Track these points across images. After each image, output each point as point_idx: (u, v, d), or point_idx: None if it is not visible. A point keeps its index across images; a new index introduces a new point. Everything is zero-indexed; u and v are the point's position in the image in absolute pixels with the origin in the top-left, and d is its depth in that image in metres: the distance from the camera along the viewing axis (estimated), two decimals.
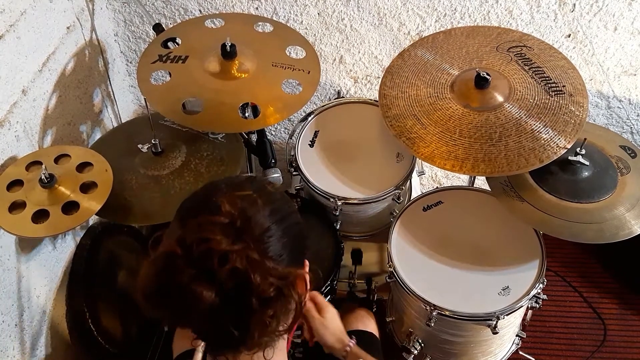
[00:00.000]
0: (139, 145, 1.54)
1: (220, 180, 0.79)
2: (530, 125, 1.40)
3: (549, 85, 1.47)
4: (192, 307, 0.65)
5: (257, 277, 0.65)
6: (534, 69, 1.51)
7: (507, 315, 1.38)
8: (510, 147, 1.38)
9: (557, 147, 1.36)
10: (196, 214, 0.71)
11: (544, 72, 1.50)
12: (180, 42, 1.57)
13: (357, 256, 1.73)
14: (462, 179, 2.20)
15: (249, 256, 0.66)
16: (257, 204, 0.73)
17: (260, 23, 1.68)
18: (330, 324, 1.17)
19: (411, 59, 1.60)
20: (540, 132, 1.39)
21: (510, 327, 1.54)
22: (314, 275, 0.82)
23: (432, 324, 1.42)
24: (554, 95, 1.45)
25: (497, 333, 1.40)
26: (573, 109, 1.42)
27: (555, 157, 1.35)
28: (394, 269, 1.48)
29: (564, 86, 1.46)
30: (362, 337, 1.43)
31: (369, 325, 1.49)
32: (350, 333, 1.43)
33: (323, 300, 1.20)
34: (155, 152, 1.51)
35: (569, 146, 1.36)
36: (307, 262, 0.81)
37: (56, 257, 1.57)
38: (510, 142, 1.39)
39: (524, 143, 1.38)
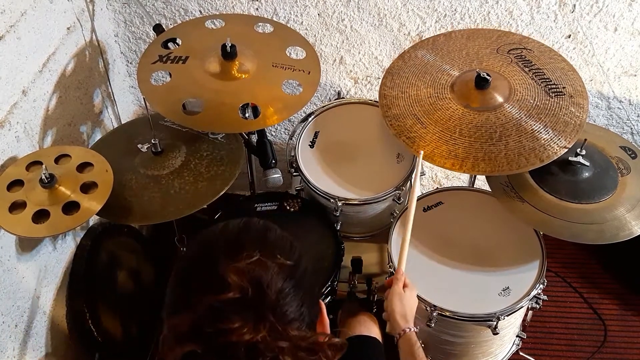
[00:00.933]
0: (138, 145, 1.54)
1: (213, 234, 0.71)
2: (531, 125, 1.40)
3: (549, 86, 1.47)
4: None
5: (289, 358, 0.63)
6: (534, 71, 1.51)
7: (507, 315, 1.38)
8: (510, 147, 1.38)
9: (557, 147, 1.36)
10: (201, 292, 0.64)
11: (544, 74, 1.50)
12: (180, 43, 1.57)
13: (356, 265, 1.72)
14: (462, 180, 2.20)
15: (276, 339, 0.62)
16: (265, 264, 0.67)
17: (260, 24, 1.68)
18: (406, 299, 1.21)
19: (411, 60, 1.60)
20: (541, 133, 1.39)
21: (510, 328, 1.54)
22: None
23: (433, 325, 1.42)
24: (554, 96, 1.45)
25: (497, 334, 1.40)
26: (573, 110, 1.42)
27: (555, 157, 1.35)
28: (394, 269, 1.48)
29: (564, 87, 1.46)
30: (365, 342, 1.43)
31: (373, 330, 1.48)
32: (354, 338, 1.43)
33: (409, 282, 1.26)
34: (155, 152, 1.51)
35: (569, 146, 1.36)
36: (322, 304, 0.77)
37: (56, 257, 1.57)
38: (511, 141, 1.39)
39: (524, 143, 1.38)
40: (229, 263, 0.65)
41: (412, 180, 1.34)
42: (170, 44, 1.56)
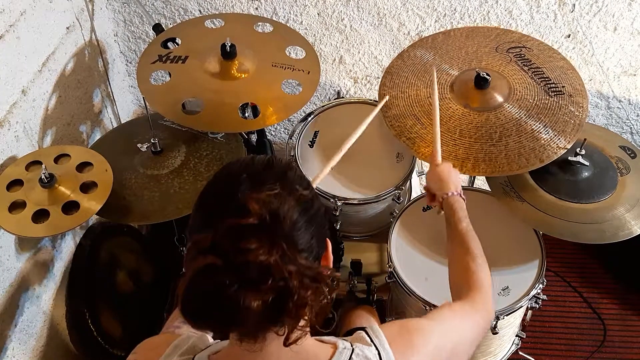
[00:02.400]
0: (138, 145, 1.53)
1: (238, 167, 0.77)
2: (530, 125, 1.40)
3: (549, 85, 1.47)
4: (239, 315, 0.66)
5: (296, 283, 0.67)
6: (533, 70, 1.51)
7: (506, 315, 1.38)
8: (510, 147, 1.38)
9: (557, 147, 1.36)
10: (223, 215, 0.70)
11: (544, 73, 1.50)
12: (180, 43, 1.57)
13: (356, 268, 1.72)
14: (461, 179, 2.20)
15: (286, 263, 0.67)
16: (284, 198, 0.72)
17: (260, 23, 1.68)
18: (437, 173, 1.25)
19: (410, 60, 1.60)
20: (540, 132, 1.39)
21: (510, 327, 1.54)
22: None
23: None
24: (554, 95, 1.45)
25: (496, 333, 1.40)
26: (573, 110, 1.42)
27: (555, 157, 1.36)
28: (393, 269, 1.48)
29: (563, 87, 1.46)
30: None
31: (372, 322, 1.49)
32: (354, 330, 1.43)
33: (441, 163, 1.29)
34: (154, 152, 1.51)
35: (569, 146, 1.37)
36: (328, 241, 0.82)
37: (56, 257, 1.57)
38: (511, 142, 1.39)
39: (524, 143, 1.38)
40: (251, 192, 0.71)
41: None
42: (169, 44, 1.56)
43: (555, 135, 1.38)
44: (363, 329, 0.86)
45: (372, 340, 0.82)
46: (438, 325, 0.89)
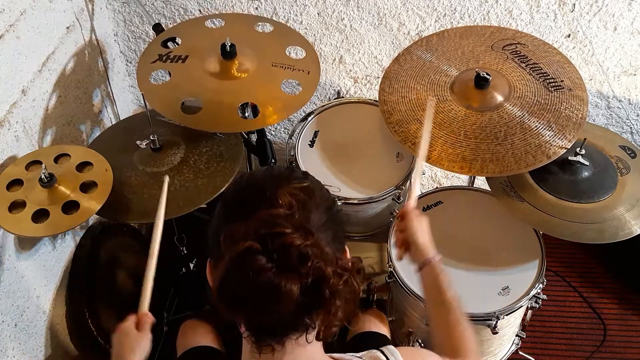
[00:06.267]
0: (137, 142, 1.53)
1: (262, 172, 0.80)
2: (534, 122, 1.40)
3: (548, 81, 1.47)
4: (276, 302, 0.65)
5: (330, 269, 0.67)
6: (531, 66, 1.51)
7: (506, 315, 1.38)
8: (516, 146, 1.38)
9: (562, 142, 1.36)
10: (255, 207, 0.71)
11: (541, 68, 1.50)
12: (180, 42, 1.57)
13: None
14: (461, 179, 2.20)
15: (321, 249, 0.68)
16: (312, 191, 0.75)
17: (260, 23, 1.68)
18: (425, 226, 1.13)
19: (407, 63, 1.60)
20: (544, 129, 1.39)
21: (510, 327, 1.54)
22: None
23: None
24: (554, 90, 1.45)
25: (496, 333, 1.40)
26: (574, 103, 1.42)
27: (562, 152, 1.36)
28: (393, 269, 1.48)
29: (562, 81, 1.47)
30: (374, 339, 1.42)
31: (381, 327, 1.48)
32: (363, 335, 1.43)
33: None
34: (153, 149, 1.51)
35: (573, 141, 1.37)
36: (347, 248, 0.83)
37: (56, 257, 1.57)
38: (516, 140, 1.39)
39: (529, 140, 1.38)
40: (280, 186, 0.73)
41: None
42: (169, 44, 1.56)
43: (560, 131, 1.38)
44: (378, 348, 0.86)
45: None
46: None
